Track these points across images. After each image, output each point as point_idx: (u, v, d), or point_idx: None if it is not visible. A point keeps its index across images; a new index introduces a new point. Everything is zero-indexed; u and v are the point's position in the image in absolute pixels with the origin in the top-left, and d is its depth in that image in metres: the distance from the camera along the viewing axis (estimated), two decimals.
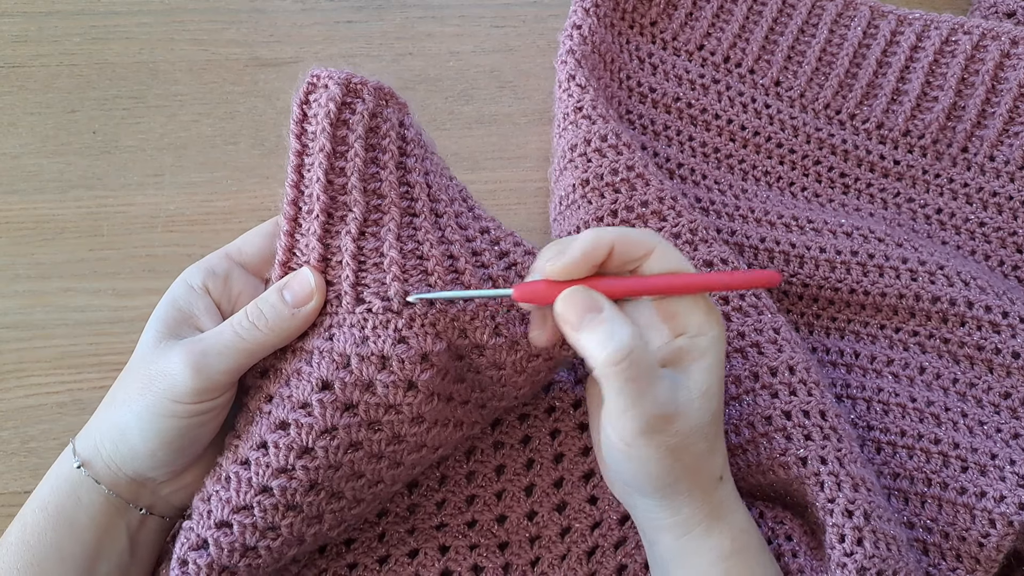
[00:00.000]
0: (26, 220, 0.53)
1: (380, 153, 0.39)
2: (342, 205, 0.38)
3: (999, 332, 0.49)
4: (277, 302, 0.37)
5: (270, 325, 0.37)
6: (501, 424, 0.46)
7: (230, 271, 0.41)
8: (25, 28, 0.59)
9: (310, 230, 0.38)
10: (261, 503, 0.36)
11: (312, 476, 0.37)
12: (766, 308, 0.48)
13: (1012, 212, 0.56)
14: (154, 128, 0.57)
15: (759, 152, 0.59)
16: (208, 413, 0.37)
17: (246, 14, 0.61)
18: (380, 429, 0.37)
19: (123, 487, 0.38)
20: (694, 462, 0.37)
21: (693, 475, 0.37)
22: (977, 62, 0.58)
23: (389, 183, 0.38)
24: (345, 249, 0.37)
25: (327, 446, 0.36)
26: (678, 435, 0.35)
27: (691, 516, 0.38)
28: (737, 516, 0.39)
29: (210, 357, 0.37)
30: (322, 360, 0.36)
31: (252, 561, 0.37)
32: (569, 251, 0.36)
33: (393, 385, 0.36)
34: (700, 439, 0.37)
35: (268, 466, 0.36)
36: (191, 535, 0.37)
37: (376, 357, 0.36)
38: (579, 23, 0.55)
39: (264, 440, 0.37)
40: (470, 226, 0.41)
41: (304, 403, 0.36)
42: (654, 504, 0.38)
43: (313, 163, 0.38)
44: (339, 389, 0.36)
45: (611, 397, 0.35)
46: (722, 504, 0.38)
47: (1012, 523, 0.44)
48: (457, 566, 0.42)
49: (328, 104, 0.37)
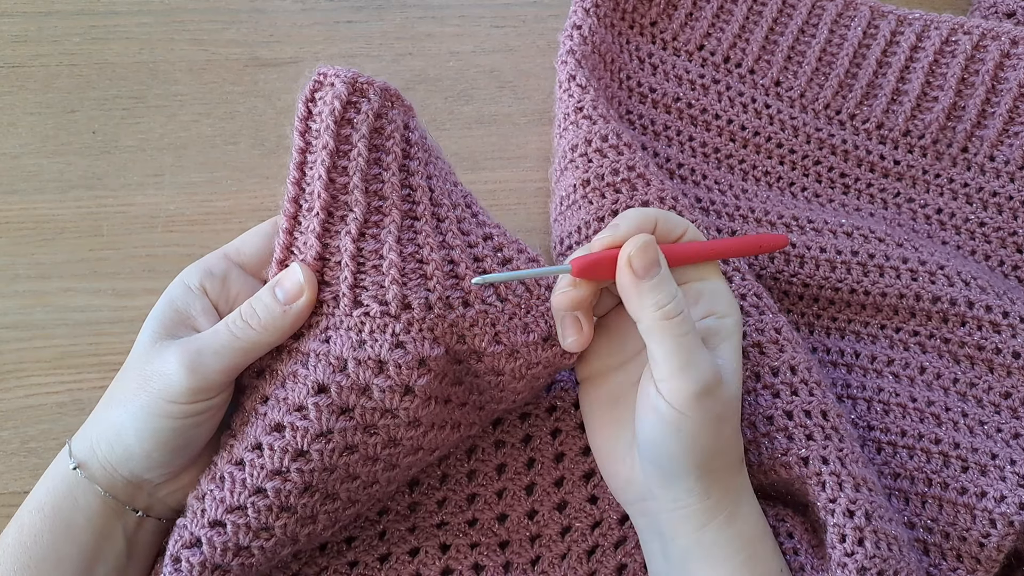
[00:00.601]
0: (26, 220, 0.53)
1: (383, 154, 0.39)
2: (343, 205, 0.38)
3: (999, 332, 0.49)
4: (270, 300, 0.37)
5: (263, 323, 0.37)
6: (502, 423, 0.46)
7: (228, 271, 0.40)
8: (25, 28, 0.59)
9: (309, 228, 0.38)
10: (255, 504, 0.36)
11: (307, 479, 0.36)
12: (767, 308, 0.48)
13: (1012, 212, 0.56)
14: (154, 128, 0.57)
15: (759, 152, 0.59)
16: (204, 414, 0.37)
17: (246, 14, 0.61)
18: (376, 433, 0.37)
19: (119, 489, 0.38)
20: (732, 436, 0.38)
21: (728, 453, 0.38)
22: (977, 62, 0.58)
23: (391, 185, 0.38)
24: (344, 250, 0.37)
25: (322, 449, 0.36)
26: (724, 403, 0.37)
27: (719, 502, 0.38)
28: (754, 504, 0.40)
29: (205, 356, 0.36)
30: (318, 363, 0.36)
31: (245, 560, 0.37)
32: (624, 221, 0.39)
33: (390, 390, 0.36)
34: (735, 413, 0.38)
35: (262, 468, 0.36)
36: (184, 533, 0.37)
37: (373, 361, 0.36)
38: (579, 23, 0.55)
39: (259, 441, 0.36)
40: (472, 232, 0.41)
41: (300, 406, 0.36)
42: (686, 488, 0.38)
43: (316, 160, 0.37)
44: (335, 393, 0.36)
45: (665, 356, 0.36)
46: (741, 490, 0.40)
47: (1013, 523, 0.43)
48: (458, 564, 0.42)
49: (333, 102, 0.37)
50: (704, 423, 0.36)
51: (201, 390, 0.36)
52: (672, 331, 0.36)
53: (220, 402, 0.38)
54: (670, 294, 0.36)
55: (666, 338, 0.36)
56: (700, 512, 0.38)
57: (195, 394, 0.36)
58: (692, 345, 0.36)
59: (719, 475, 0.38)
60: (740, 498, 0.39)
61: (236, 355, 0.37)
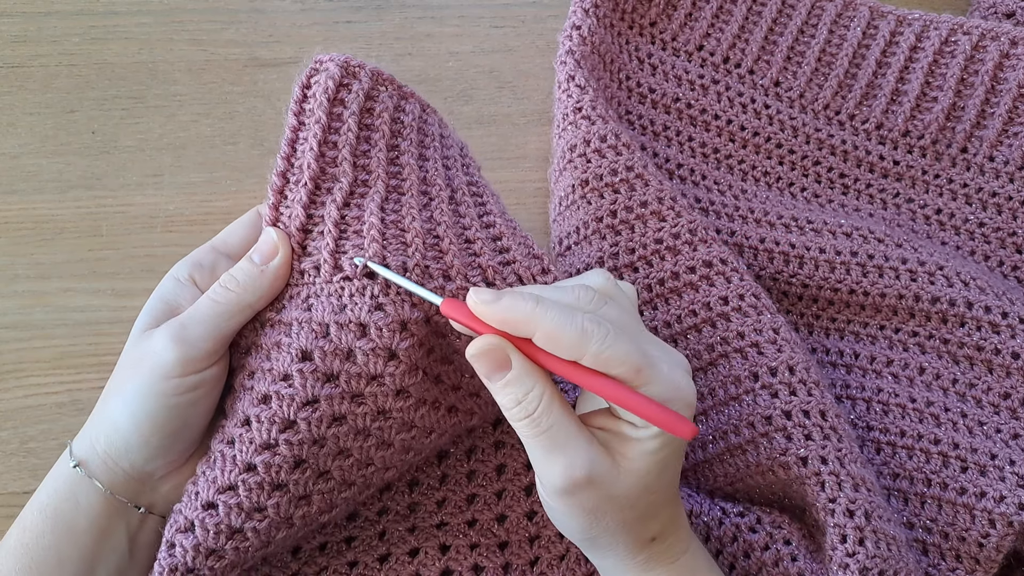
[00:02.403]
0: (25, 220, 0.53)
1: (372, 132, 0.40)
2: (330, 176, 0.39)
3: (999, 332, 0.49)
4: (246, 264, 0.38)
5: (242, 284, 0.38)
6: (502, 424, 0.46)
7: (216, 262, 0.41)
8: (24, 28, 0.59)
9: (295, 199, 0.39)
10: (246, 481, 0.36)
11: (296, 451, 0.36)
12: (766, 308, 0.48)
13: (1012, 212, 0.56)
14: (153, 128, 0.57)
15: (759, 152, 0.59)
16: (198, 390, 0.37)
17: (245, 14, 0.61)
18: (363, 402, 0.37)
19: (121, 484, 0.38)
20: (616, 526, 0.36)
21: (614, 535, 0.36)
22: (976, 62, 0.58)
23: (378, 160, 0.40)
24: (328, 216, 0.38)
25: (309, 418, 0.36)
26: (594, 500, 0.35)
27: (616, 565, 0.38)
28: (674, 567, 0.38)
29: (189, 327, 0.37)
30: (301, 330, 0.36)
31: (239, 544, 0.36)
32: (497, 306, 0.33)
33: (373, 353, 0.36)
34: (625, 508, 0.35)
35: (251, 442, 0.36)
36: (179, 517, 0.37)
37: (355, 325, 0.36)
38: (578, 23, 0.55)
39: (247, 416, 0.36)
40: (469, 215, 0.41)
41: (285, 375, 0.36)
42: (580, 547, 0.39)
43: (307, 136, 0.39)
44: (319, 359, 0.36)
45: (527, 450, 0.36)
46: (652, 558, 0.38)
47: (1012, 523, 0.44)
48: (458, 565, 0.42)
49: (327, 82, 0.39)
50: (570, 512, 0.35)
51: (190, 360, 0.37)
52: (523, 432, 0.35)
53: (212, 377, 0.38)
54: (516, 399, 0.34)
55: (521, 436, 0.35)
56: (602, 568, 0.39)
57: (185, 365, 0.36)
58: (545, 446, 0.34)
59: (611, 549, 0.37)
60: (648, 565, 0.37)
61: (220, 319, 0.38)
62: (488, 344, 0.34)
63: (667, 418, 0.33)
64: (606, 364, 0.33)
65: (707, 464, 0.47)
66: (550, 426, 0.34)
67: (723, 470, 0.46)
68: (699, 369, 0.48)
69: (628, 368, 0.33)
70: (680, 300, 0.49)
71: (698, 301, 0.49)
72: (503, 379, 0.34)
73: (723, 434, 0.46)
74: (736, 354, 0.47)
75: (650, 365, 0.34)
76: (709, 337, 0.48)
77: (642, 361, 0.33)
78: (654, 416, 0.33)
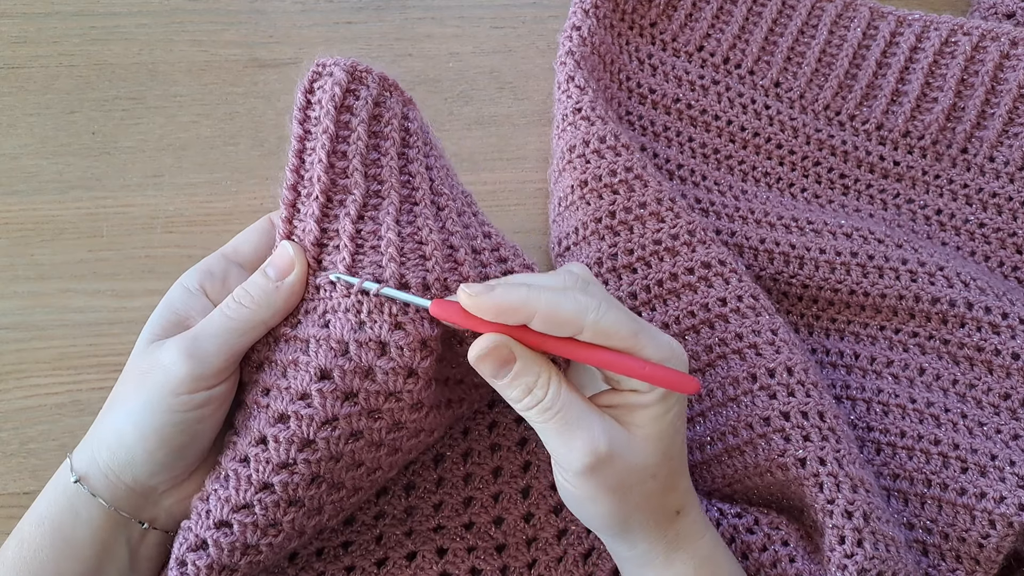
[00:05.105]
0: (25, 221, 0.53)
1: (382, 140, 0.39)
2: (342, 189, 0.38)
3: (999, 333, 0.49)
4: (260, 279, 0.37)
5: (256, 300, 0.37)
6: (498, 427, 0.46)
7: (227, 271, 0.40)
8: (24, 29, 0.59)
9: (308, 213, 0.38)
10: (262, 500, 0.36)
11: (314, 469, 0.36)
12: (764, 309, 0.48)
13: (1012, 213, 0.56)
14: (153, 129, 0.57)
15: (759, 153, 0.59)
16: (206, 406, 0.36)
17: (246, 15, 0.61)
18: (381, 417, 0.37)
19: (123, 499, 0.37)
20: (643, 501, 0.36)
21: (643, 512, 0.37)
22: (977, 63, 0.58)
23: (390, 169, 0.38)
24: (343, 231, 0.37)
25: (328, 437, 0.36)
26: (619, 475, 0.35)
27: (648, 550, 0.38)
28: (701, 544, 0.39)
29: (202, 341, 0.36)
30: (319, 348, 0.36)
31: (253, 558, 0.36)
32: (492, 296, 0.34)
33: (393, 372, 0.35)
34: (647, 479, 0.36)
35: (268, 462, 0.36)
36: (189, 535, 0.36)
37: (374, 343, 0.35)
38: (578, 24, 0.55)
39: (263, 435, 0.36)
40: (472, 225, 0.41)
41: (303, 394, 0.36)
42: (610, 540, 0.39)
43: (316, 146, 0.38)
44: (339, 377, 0.35)
45: (543, 438, 0.36)
46: (681, 535, 0.38)
47: (1012, 524, 0.43)
48: (455, 568, 0.42)
49: (333, 88, 0.38)
50: (597, 496, 0.36)
51: (201, 377, 0.36)
52: (536, 418, 0.35)
53: (222, 394, 0.37)
54: (526, 388, 0.34)
55: (535, 425, 0.35)
56: (632, 558, 0.39)
57: (195, 381, 0.36)
58: (561, 428, 0.34)
59: (642, 530, 0.37)
60: (678, 543, 0.38)
61: (232, 336, 0.37)
62: (490, 343, 0.34)
63: (672, 376, 0.34)
64: (604, 334, 0.34)
65: (705, 465, 0.47)
66: (562, 407, 0.34)
67: (721, 471, 0.46)
68: (697, 370, 0.48)
69: (626, 333, 0.34)
70: (678, 301, 0.49)
71: (696, 302, 0.49)
72: (510, 373, 0.35)
73: (721, 435, 0.46)
74: (734, 355, 0.47)
75: (643, 329, 0.35)
76: (707, 338, 0.48)
77: (636, 326, 0.34)
78: (659, 377, 0.34)
